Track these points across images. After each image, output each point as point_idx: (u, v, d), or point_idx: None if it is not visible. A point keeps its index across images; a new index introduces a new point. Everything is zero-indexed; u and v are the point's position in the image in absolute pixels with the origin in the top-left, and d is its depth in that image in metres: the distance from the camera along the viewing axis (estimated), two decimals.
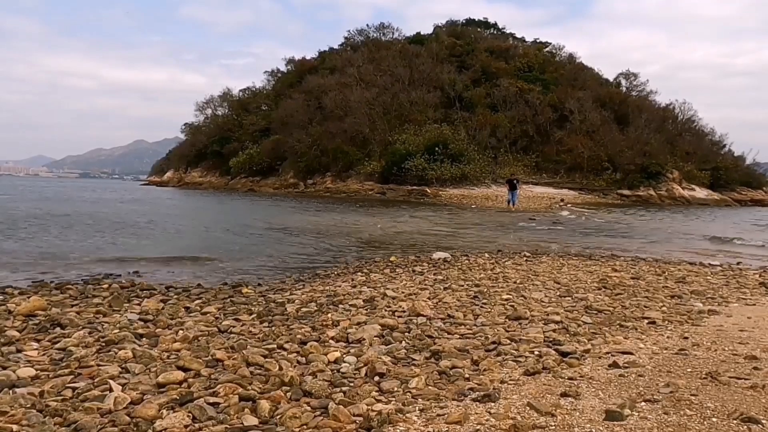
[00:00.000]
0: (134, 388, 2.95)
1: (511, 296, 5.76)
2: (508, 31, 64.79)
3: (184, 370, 3.24)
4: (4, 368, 3.27)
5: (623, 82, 54.94)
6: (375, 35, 59.57)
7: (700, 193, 43.69)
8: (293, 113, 49.17)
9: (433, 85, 47.75)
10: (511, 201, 28.80)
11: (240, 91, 63.78)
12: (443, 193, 37.90)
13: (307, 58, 62.93)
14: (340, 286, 6.34)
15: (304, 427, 2.55)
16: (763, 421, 2.45)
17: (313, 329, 4.33)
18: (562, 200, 36.23)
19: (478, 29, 62.09)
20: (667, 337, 4.22)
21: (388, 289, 6.06)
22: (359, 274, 7.49)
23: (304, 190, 45.18)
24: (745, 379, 3.06)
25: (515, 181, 29.87)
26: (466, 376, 3.25)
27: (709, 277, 7.59)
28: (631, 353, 3.71)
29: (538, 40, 61.28)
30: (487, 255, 9.67)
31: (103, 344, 3.79)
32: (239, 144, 52.78)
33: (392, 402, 2.83)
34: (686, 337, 4.17)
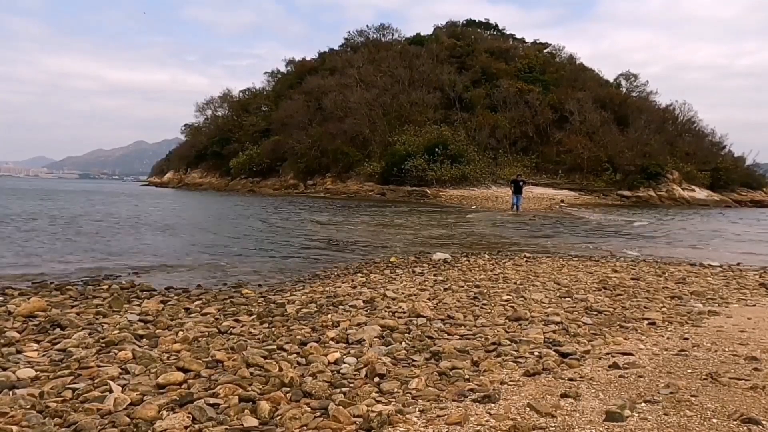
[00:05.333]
0: (134, 389, 2.95)
1: (511, 297, 5.76)
2: (508, 32, 64.90)
3: (184, 371, 3.24)
4: (4, 369, 3.27)
5: (623, 82, 55.04)
6: (375, 36, 59.65)
7: (700, 193, 43.69)
8: (293, 114, 49.22)
9: (433, 86, 47.79)
10: (516, 204, 26.17)
11: (240, 92, 63.89)
12: (443, 193, 37.90)
13: (309, 59, 63.01)
14: (340, 287, 6.34)
15: (304, 428, 2.55)
16: (764, 422, 2.45)
17: (313, 330, 4.33)
18: (562, 201, 36.22)
19: (478, 30, 62.14)
20: (667, 338, 4.21)
21: (388, 289, 6.05)
22: (359, 274, 7.49)
23: (304, 190, 45.20)
24: (746, 380, 3.06)
25: (521, 183, 26.64)
26: (466, 376, 3.25)
27: (709, 278, 7.59)
28: (631, 354, 3.70)
29: (538, 41, 61.35)
30: (487, 256, 9.67)
31: (103, 345, 3.79)
32: (239, 145, 52.81)
33: (392, 403, 2.82)
34: (686, 338, 4.16)
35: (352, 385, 3.12)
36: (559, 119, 45.58)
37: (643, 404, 2.70)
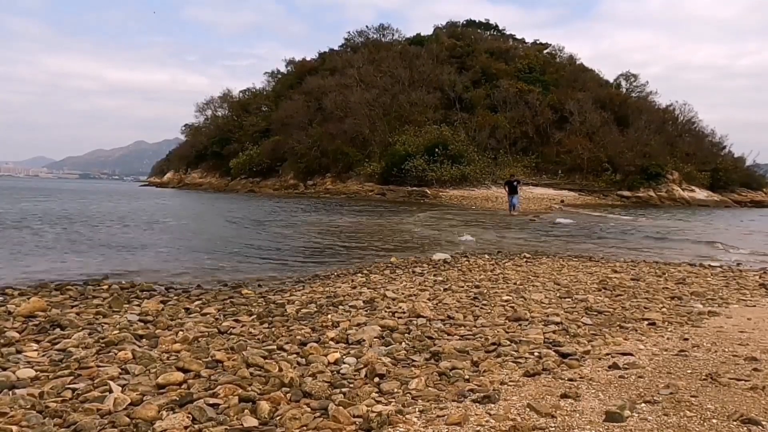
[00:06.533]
0: (134, 389, 2.95)
1: (511, 297, 5.76)
2: (508, 33, 64.94)
3: (184, 371, 3.24)
4: (4, 369, 3.27)
5: (623, 83, 55.06)
6: (375, 36, 59.67)
7: (700, 194, 43.72)
8: (293, 114, 49.24)
9: (433, 86, 47.80)
10: (514, 205, 25.48)
11: (240, 92, 63.93)
12: (443, 194, 37.92)
13: (309, 59, 63.03)
14: (340, 287, 6.34)
15: (304, 428, 2.55)
16: (763, 423, 2.45)
17: (313, 330, 4.33)
18: (561, 201, 36.23)
19: (478, 30, 62.17)
20: (667, 339, 4.21)
21: (388, 290, 6.05)
22: (359, 275, 7.49)
23: (304, 191, 45.22)
24: (745, 381, 3.06)
25: (515, 183, 26.16)
26: (466, 377, 3.25)
27: (709, 279, 7.59)
28: (631, 354, 3.71)
29: (538, 42, 61.38)
30: (487, 256, 9.66)
31: (103, 345, 3.79)
32: (239, 145, 52.85)
33: (392, 403, 2.82)
34: (686, 339, 4.16)
35: (351, 385, 3.12)
36: (559, 120, 45.59)
37: (642, 405, 2.70)
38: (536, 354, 3.71)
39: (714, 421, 2.49)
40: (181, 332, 4.22)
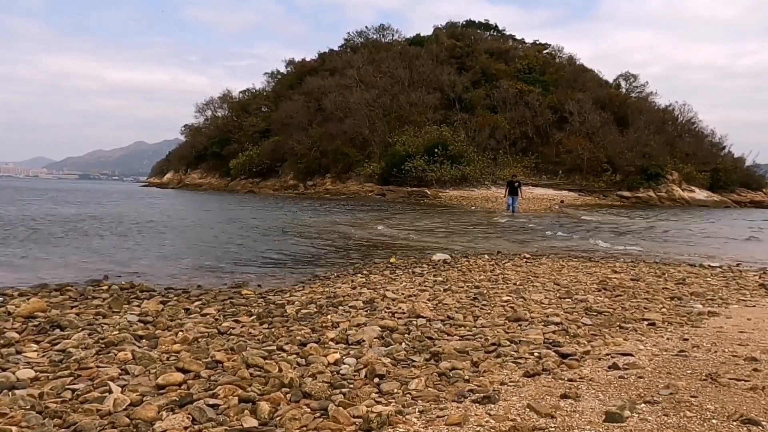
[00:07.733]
0: (134, 390, 2.95)
1: (510, 297, 5.76)
2: (508, 33, 64.95)
3: (184, 371, 3.24)
4: (4, 370, 3.26)
5: (623, 83, 55.04)
6: (375, 37, 59.67)
7: (700, 194, 43.72)
8: (293, 114, 49.26)
9: (432, 86, 47.79)
10: (511, 207, 25.01)
11: (240, 92, 63.95)
12: (443, 194, 37.94)
13: (309, 59, 63.04)
14: (339, 288, 6.34)
15: (304, 428, 2.55)
16: (763, 423, 2.45)
17: (313, 331, 4.33)
18: (561, 202, 36.25)
19: (478, 31, 62.17)
20: (667, 339, 4.21)
21: (387, 290, 6.05)
22: (359, 275, 7.49)
23: (303, 191, 45.23)
24: (745, 381, 3.06)
25: (516, 184, 25.33)
26: (466, 377, 3.25)
27: (709, 279, 7.59)
28: (631, 355, 3.70)
29: (537, 42, 61.38)
30: (486, 257, 9.67)
31: (103, 346, 3.79)
32: (239, 145, 52.86)
33: (392, 403, 2.82)
34: (686, 339, 4.16)
35: (351, 385, 3.12)
36: (558, 120, 45.59)
37: (642, 405, 2.70)
38: (536, 354, 3.71)
39: (714, 421, 2.49)
40: (180, 333, 4.22)
